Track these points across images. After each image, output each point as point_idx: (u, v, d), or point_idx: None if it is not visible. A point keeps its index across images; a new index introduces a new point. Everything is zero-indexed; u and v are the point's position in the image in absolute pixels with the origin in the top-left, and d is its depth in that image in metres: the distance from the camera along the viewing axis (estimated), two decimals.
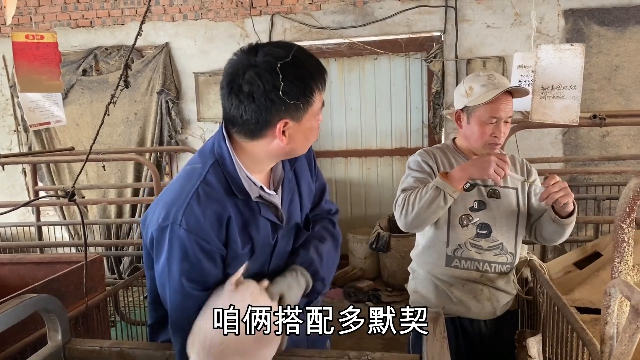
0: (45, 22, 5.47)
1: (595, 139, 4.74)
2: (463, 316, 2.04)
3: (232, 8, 5.11)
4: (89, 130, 5.44)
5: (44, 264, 2.64)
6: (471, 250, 1.98)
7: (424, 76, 5.21)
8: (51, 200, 4.21)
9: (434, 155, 2.05)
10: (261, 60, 1.25)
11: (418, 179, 1.99)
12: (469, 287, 2.00)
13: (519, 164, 2.10)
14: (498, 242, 1.99)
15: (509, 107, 1.94)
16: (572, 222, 1.86)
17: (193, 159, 1.44)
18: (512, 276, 2.08)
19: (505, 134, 1.96)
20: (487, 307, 2.01)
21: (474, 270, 1.99)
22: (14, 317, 1.29)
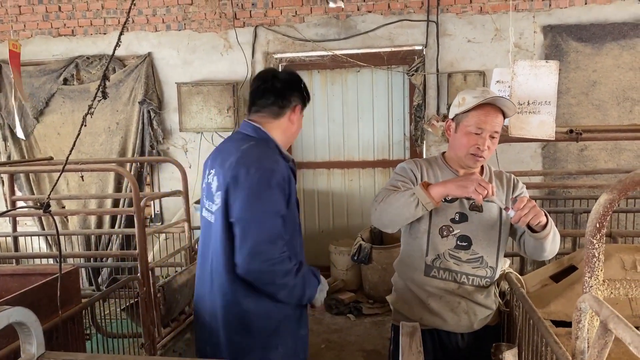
0: (27, 30, 5.43)
1: (573, 152, 4.82)
2: (440, 328, 2.04)
3: (216, 19, 5.12)
4: (71, 140, 5.38)
5: (18, 276, 2.60)
6: (449, 261, 1.99)
7: (406, 89, 5.26)
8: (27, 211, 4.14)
9: (421, 166, 2.08)
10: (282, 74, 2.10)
11: (400, 181, 2.04)
12: (447, 299, 2.00)
13: (506, 179, 2.10)
14: (478, 255, 1.99)
15: (496, 122, 1.94)
16: (547, 235, 1.85)
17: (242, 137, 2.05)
18: (493, 290, 2.08)
19: (490, 149, 1.95)
20: (464, 320, 2.01)
21: (452, 281, 1.99)
22: None
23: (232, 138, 2.15)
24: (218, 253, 1.93)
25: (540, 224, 1.81)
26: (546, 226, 1.83)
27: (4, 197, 5.44)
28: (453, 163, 2.07)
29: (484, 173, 2.09)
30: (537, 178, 4.61)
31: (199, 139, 5.28)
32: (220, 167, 1.99)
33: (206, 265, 2.04)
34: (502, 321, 2.18)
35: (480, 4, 4.78)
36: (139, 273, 3.07)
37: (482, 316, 2.05)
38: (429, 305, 2.02)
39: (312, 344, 4.12)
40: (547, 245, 1.90)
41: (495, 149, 1.99)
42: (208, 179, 2.07)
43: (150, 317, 3.09)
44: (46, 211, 1.98)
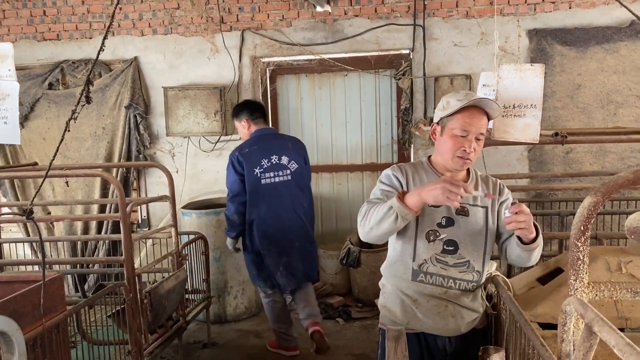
0: (11, 34, 5.37)
1: (559, 155, 4.86)
2: (427, 332, 2.04)
3: (203, 23, 5.10)
4: (56, 145, 5.32)
5: (1, 284, 2.56)
6: (436, 266, 1.99)
7: (393, 93, 5.28)
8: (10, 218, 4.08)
9: (406, 171, 2.07)
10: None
11: (384, 191, 2.03)
12: (434, 303, 2.01)
13: (492, 184, 2.10)
14: (464, 260, 2.00)
15: (481, 124, 1.95)
16: (535, 248, 1.89)
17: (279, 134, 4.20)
18: (480, 294, 2.09)
19: (476, 151, 1.95)
20: (451, 323, 2.02)
21: (439, 285, 2.00)
22: None
23: (272, 135, 3.97)
24: (299, 196, 3.85)
25: (530, 235, 1.83)
26: (535, 239, 1.86)
27: None
28: (439, 167, 2.07)
29: (470, 177, 2.09)
30: (524, 181, 4.65)
31: (186, 143, 5.25)
32: (285, 150, 3.81)
33: (286, 204, 3.77)
34: (489, 324, 2.18)
35: (466, 8, 4.81)
36: (125, 279, 3.04)
37: (469, 319, 2.05)
38: (416, 309, 2.03)
39: (301, 348, 4.12)
40: (532, 257, 1.93)
41: (480, 150, 1.99)
42: (273, 160, 3.74)
43: (137, 324, 3.06)
44: (29, 218, 1.95)
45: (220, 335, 4.46)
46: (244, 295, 4.77)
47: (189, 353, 4.09)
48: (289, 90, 5.50)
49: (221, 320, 4.70)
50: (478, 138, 1.96)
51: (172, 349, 3.97)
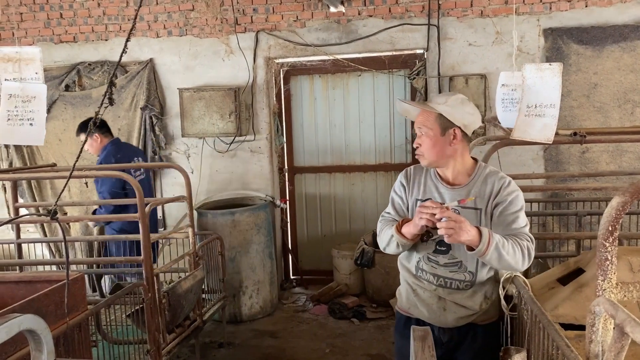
0: (28, 37, 5.44)
1: (575, 155, 4.82)
2: (424, 320, 2.20)
3: (217, 25, 5.13)
4: (72, 146, 5.39)
5: (23, 283, 2.59)
6: (428, 264, 2.14)
7: (407, 93, 5.27)
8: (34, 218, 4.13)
9: (411, 175, 2.25)
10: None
11: (394, 202, 2.26)
12: (428, 295, 2.16)
13: (491, 183, 2.08)
14: (456, 260, 2.09)
15: (418, 119, 2.12)
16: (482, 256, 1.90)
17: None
18: (481, 293, 2.11)
19: (422, 145, 2.09)
20: (441, 316, 2.14)
21: (430, 282, 2.14)
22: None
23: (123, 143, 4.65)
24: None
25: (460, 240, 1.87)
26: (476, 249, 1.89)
27: (7, 204, 5.45)
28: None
29: (474, 174, 2.12)
30: (540, 181, 4.62)
31: (201, 144, 5.28)
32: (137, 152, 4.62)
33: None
34: (499, 320, 2.22)
35: (480, 8, 4.79)
36: (144, 279, 3.06)
37: (460, 315, 2.13)
38: (415, 298, 2.20)
39: (316, 349, 4.13)
40: (493, 263, 1.94)
41: (428, 144, 2.08)
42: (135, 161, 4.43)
43: (156, 323, 3.09)
44: (53, 218, 1.98)
45: (236, 335, 4.49)
46: (259, 295, 4.79)
47: (205, 353, 4.11)
48: (303, 91, 5.51)
49: (236, 320, 4.73)
50: (422, 133, 2.10)
51: (188, 349, 4.00)
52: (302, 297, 5.31)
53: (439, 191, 2.14)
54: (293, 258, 5.71)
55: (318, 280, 5.53)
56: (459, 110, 2.05)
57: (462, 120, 2.05)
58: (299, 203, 5.67)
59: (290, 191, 5.64)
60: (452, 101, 2.05)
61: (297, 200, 5.67)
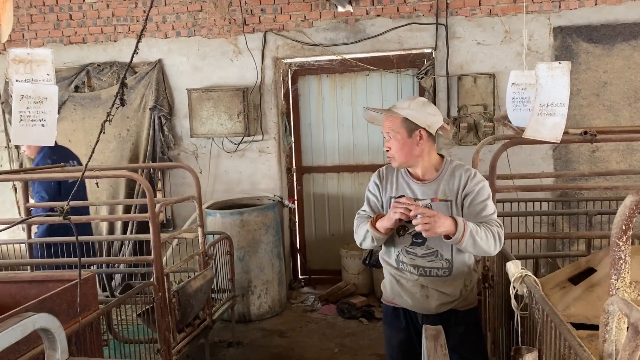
0: (38, 38, 5.47)
1: (585, 154, 4.80)
2: (408, 309, 2.35)
3: (225, 25, 5.14)
4: (81, 147, 5.41)
5: (35, 283, 2.61)
6: (407, 257, 2.29)
7: (416, 92, 5.26)
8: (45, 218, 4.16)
9: (383, 174, 2.40)
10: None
11: (369, 200, 2.40)
12: (411, 285, 2.31)
13: (458, 176, 2.25)
14: (433, 250, 2.25)
15: (385, 125, 2.28)
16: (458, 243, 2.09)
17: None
18: (460, 279, 2.28)
19: (392, 149, 2.25)
20: (424, 303, 2.29)
21: (412, 273, 2.29)
22: (13, 337, 1.27)
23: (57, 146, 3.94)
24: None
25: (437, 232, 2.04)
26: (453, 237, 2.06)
27: (17, 204, 5.50)
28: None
29: (442, 169, 2.29)
30: (549, 180, 4.60)
31: (209, 144, 5.30)
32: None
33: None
34: (477, 307, 2.42)
35: (489, 7, 4.78)
36: (154, 279, 3.08)
37: (443, 301, 2.27)
38: (399, 288, 2.34)
39: (325, 348, 4.13)
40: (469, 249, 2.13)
41: (396, 147, 2.23)
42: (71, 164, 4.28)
43: (166, 323, 3.10)
44: (65, 218, 1.99)
45: (245, 334, 4.50)
46: (267, 295, 4.80)
47: (214, 352, 4.13)
48: (311, 91, 5.51)
49: (245, 320, 4.74)
50: (390, 137, 2.25)
51: (198, 348, 4.01)
52: (310, 296, 5.32)
53: (410, 188, 2.30)
54: (301, 258, 5.72)
55: (326, 280, 5.53)
56: (422, 112, 2.22)
57: (426, 121, 2.22)
58: (307, 203, 5.68)
59: (298, 191, 5.64)
60: (414, 105, 2.22)
61: (306, 200, 5.67)
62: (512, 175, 3.43)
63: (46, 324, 1.48)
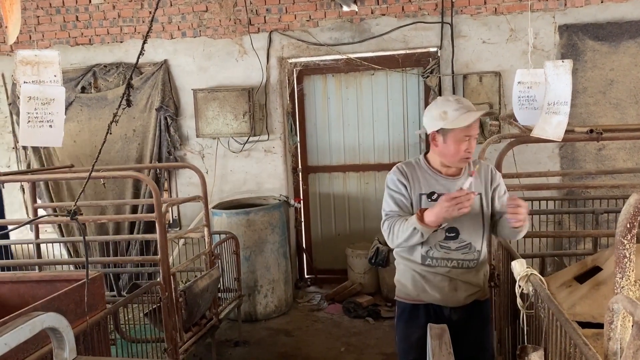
0: (45, 40, 5.51)
1: (591, 152, 4.78)
2: (434, 303, 2.35)
3: (231, 25, 5.16)
4: (87, 147, 5.45)
5: (44, 282, 2.63)
6: (440, 251, 2.30)
7: (421, 91, 5.26)
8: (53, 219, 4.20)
9: (406, 172, 2.36)
10: None
11: (395, 200, 2.34)
12: (439, 279, 2.32)
13: (484, 170, 2.38)
14: (466, 242, 2.30)
15: (476, 126, 2.26)
16: (524, 230, 2.25)
17: None
18: (483, 270, 2.40)
19: (472, 150, 2.28)
20: (454, 296, 2.32)
21: (444, 266, 2.31)
22: (22, 336, 1.29)
23: None
24: None
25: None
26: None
27: (25, 205, 5.54)
28: (436, 164, 2.37)
29: (464, 167, 2.36)
30: (556, 178, 4.58)
31: (215, 144, 5.32)
32: None
33: None
34: (491, 297, 2.60)
35: (494, 5, 4.76)
36: (161, 278, 3.10)
37: (470, 292, 2.34)
38: (425, 284, 2.34)
39: (331, 347, 4.14)
40: (520, 234, 2.30)
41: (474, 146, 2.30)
42: None
43: (173, 322, 3.12)
44: (73, 218, 2.01)
45: (251, 333, 4.51)
46: (273, 294, 4.81)
47: (221, 351, 4.14)
48: (316, 90, 5.52)
49: (251, 319, 4.75)
50: (473, 137, 2.26)
51: (205, 347, 4.03)
52: (316, 296, 5.33)
53: (440, 183, 2.32)
54: (307, 257, 5.73)
55: (332, 279, 5.54)
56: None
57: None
58: (313, 202, 5.69)
59: (304, 191, 5.65)
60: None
61: (311, 199, 5.68)
62: (518, 174, 3.43)
63: (54, 323, 1.50)
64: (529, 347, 1.92)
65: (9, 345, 1.29)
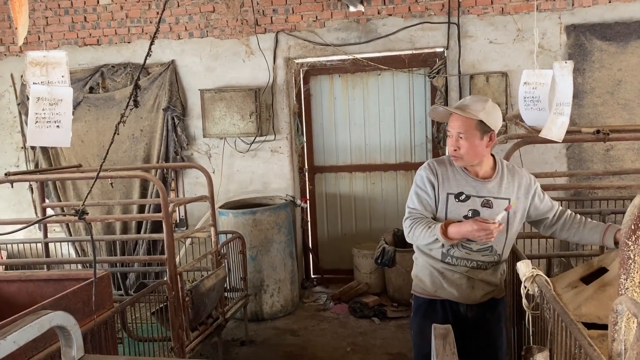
0: (54, 40, 5.55)
1: (599, 152, 4.76)
2: (451, 300, 2.39)
3: (237, 26, 5.18)
4: (94, 147, 5.48)
5: (52, 281, 2.65)
6: (462, 251, 2.33)
7: (427, 91, 5.26)
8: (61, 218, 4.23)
9: (436, 170, 2.37)
10: None
11: (420, 198, 2.36)
12: (457, 277, 2.36)
13: (518, 177, 2.38)
14: (488, 245, 2.32)
15: (456, 124, 2.28)
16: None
17: None
18: (500, 269, 2.43)
19: (461, 149, 2.27)
20: (471, 294, 2.36)
21: (463, 266, 2.35)
22: (30, 334, 1.31)
23: None
24: None
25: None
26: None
27: (33, 204, 5.58)
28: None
29: (496, 170, 2.36)
30: (562, 179, 4.56)
31: (222, 144, 5.34)
32: None
33: None
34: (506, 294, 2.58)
35: (501, 5, 4.75)
36: (168, 277, 3.12)
37: (487, 291, 2.38)
38: (442, 280, 2.38)
39: (337, 347, 4.15)
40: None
41: (467, 147, 2.26)
42: None
43: (179, 321, 3.14)
44: (81, 218, 2.03)
45: (258, 333, 4.53)
46: (280, 294, 4.82)
47: (227, 350, 4.16)
48: (323, 91, 5.53)
49: (258, 318, 4.77)
50: (460, 137, 2.26)
51: (211, 347, 4.05)
52: (322, 296, 5.33)
53: (470, 185, 2.32)
54: (314, 257, 5.74)
55: (338, 279, 5.54)
56: (494, 115, 2.27)
57: (496, 124, 2.28)
58: (320, 202, 5.70)
59: (310, 191, 5.66)
60: (488, 107, 2.25)
61: (318, 199, 5.69)
62: None
63: (62, 322, 1.51)
64: (534, 348, 1.92)
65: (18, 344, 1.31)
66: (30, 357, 2.01)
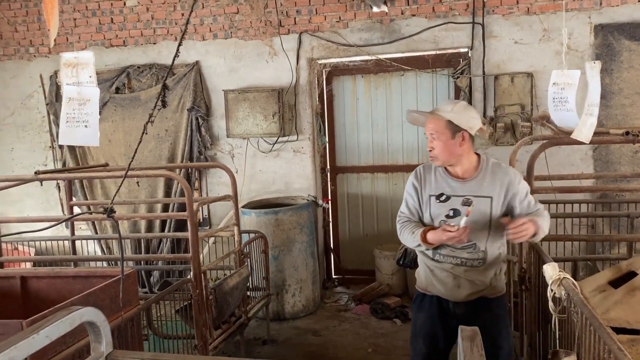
0: (81, 42, 5.66)
1: (627, 154, 4.67)
2: (440, 296, 2.50)
3: (261, 27, 5.21)
4: (121, 147, 5.57)
5: (80, 278, 2.71)
6: (447, 249, 2.43)
7: (451, 92, 5.22)
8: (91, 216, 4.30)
9: (421, 175, 2.53)
10: None
11: (407, 202, 2.55)
12: (445, 274, 2.47)
13: (501, 173, 2.42)
14: (471, 243, 2.40)
15: (429, 126, 2.43)
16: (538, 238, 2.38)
17: None
18: (493, 270, 2.46)
19: (435, 149, 2.40)
20: (456, 292, 2.45)
21: (449, 263, 2.45)
22: (62, 329, 1.34)
23: None
24: None
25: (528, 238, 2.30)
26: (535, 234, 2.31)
27: (61, 202, 5.70)
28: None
29: (479, 169, 2.44)
30: (589, 181, 4.49)
31: (245, 144, 5.38)
32: None
33: None
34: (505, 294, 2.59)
35: (527, 5, 4.70)
36: (192, 276, 3.15)
37: (473, 290, 2.44)
38: (432, 277, 2.50)
39: (359, 348, 4.15)
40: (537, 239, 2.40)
41: (441, 147, 2.38)
42: None
43: (203, 319, 3.17)
44: (109, 216, 2.07)
45: (279, 332, 4.55)
46: (301, 294, 4.84)
47: (249, 349, 4.19)
48: (345, 91, 5.53)
49: (279, 318, 4.79)
50: (434, 138, 2.40)
51: (233, 345, 4.08)
52: (344, 296, 5.33)
53: (450, 185, 2.44)
54: (335, 257, 5.74)
55: (360, 280, 5.54)
56: (464, 115, 2.37)
57: (468, 124, 2.37)
58: (341, 203, 5.70)
59: (332, 191, 5.67)
60: (457, 108, 2.38)
61: (339, 200, 5.69)
62: (550, 176, 3.38)
63: (92, 318, 1.54)
64: (561, 352, 1.90)
65: (50, 338, 1.34)
66: (59, 352, 2.05)
